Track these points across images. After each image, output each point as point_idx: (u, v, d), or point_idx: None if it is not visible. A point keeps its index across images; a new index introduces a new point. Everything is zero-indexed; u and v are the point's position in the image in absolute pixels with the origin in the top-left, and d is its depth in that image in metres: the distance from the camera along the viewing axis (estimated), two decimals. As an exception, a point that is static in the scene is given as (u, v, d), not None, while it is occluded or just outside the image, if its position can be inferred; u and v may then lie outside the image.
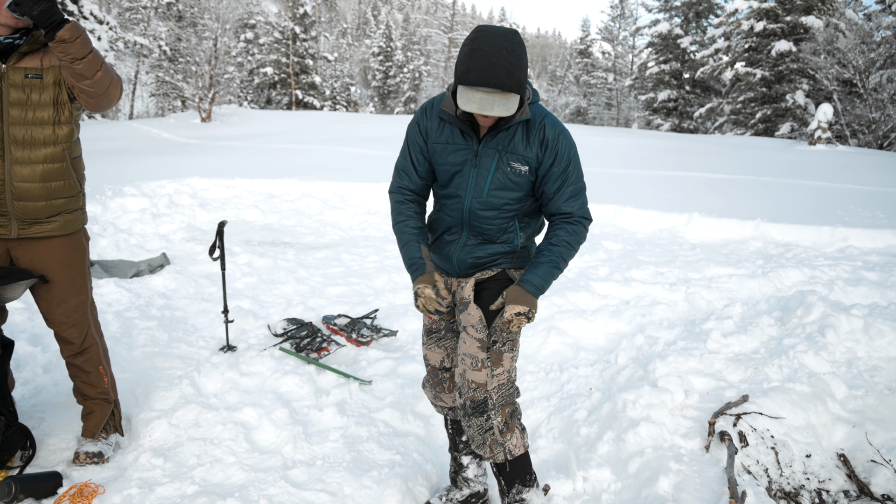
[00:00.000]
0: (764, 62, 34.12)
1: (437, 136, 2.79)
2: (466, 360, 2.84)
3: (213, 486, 3.38)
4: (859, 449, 3.50)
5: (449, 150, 2.76)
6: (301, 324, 5.47)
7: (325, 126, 25.52)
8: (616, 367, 4.62)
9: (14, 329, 4.92)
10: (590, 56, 60.34)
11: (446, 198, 2.86)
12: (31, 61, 3.09)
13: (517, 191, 2.76)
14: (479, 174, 2.73)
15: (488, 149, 2.70)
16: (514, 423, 2.90)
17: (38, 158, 3.15)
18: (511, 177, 2.72)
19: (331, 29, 63.02)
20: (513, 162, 2.70)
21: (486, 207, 2.78)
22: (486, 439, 2.84)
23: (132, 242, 7.99)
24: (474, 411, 2.83)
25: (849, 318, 4.60)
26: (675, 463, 3.34)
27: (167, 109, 41.39)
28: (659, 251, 8.35)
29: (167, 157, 15.11)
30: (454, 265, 2.94)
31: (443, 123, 2.77)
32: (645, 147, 19.97)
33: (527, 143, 2.69)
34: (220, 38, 30.33)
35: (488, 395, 2.82)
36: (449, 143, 2.76)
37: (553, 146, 2.69)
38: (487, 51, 2.38)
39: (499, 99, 2.41)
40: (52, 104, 3.14)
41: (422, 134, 2.84)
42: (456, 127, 2.74)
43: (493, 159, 2.70)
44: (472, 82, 2.39)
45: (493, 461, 2.89)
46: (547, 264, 2.76)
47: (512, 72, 2.39)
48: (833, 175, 14.40)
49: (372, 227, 9.76)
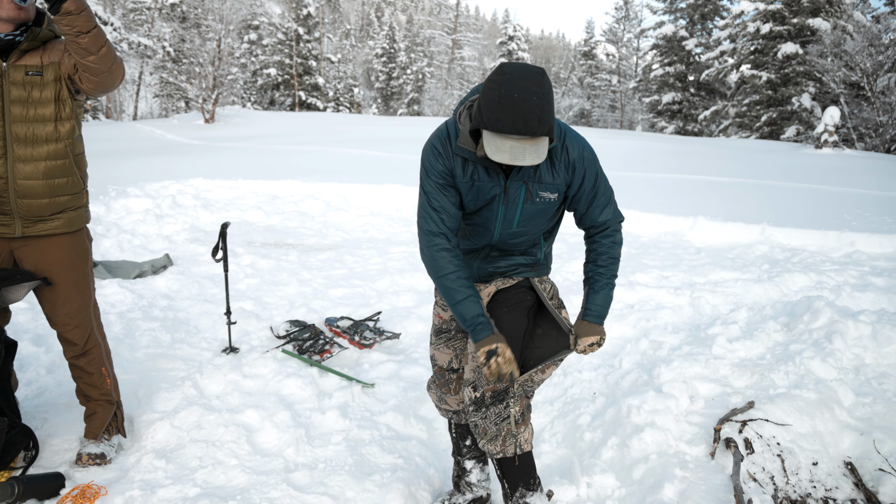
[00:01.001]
0: (770, 65, 34.01)
1: (462, 177, 2.65)
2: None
3: (215, 488, 3.37)
4: (867, 457, 3.47)
5: (476, 189, 2.67)
6: (304, 326, 5.45)
7: (329, 127, 25.54)
8: (620, 372, 4.60)
9: (18, 329, 4.91)
10: (594, 58, 60.35)
11: (474, 226, 2.81)
12: (31, 59, 3.09)
13: (545, 217, 2.76)
14: (508, 209, 2.69)
15: (516, 182, 2.64)
16: (528, 415, 2.88)
17: (40, 155, 3.15)
18: (540, 206, 2.70)
19: (334, 30, 63.10)
20: (541, 192, 2.66)
21: (515, 237, 2.78)
22: (501, 430, 2.80)
23: (135, 243, 7.98)
24: (494, 401, 2.79)
25: (856, 324, 4.56)
26: (679, 470, 3.31)
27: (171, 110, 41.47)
28: (664, 255, 8.32)
29: (171, 157, 15.13)
30: (473, 272, 2.91)
31: (466, 162, 2.64)
32: (649, 150, 19.93)
33: (553, 172, 2.65)
34: (224, 39, 30.38)
35: (510, 384, 2.77)
36: (476, 181, 2.65)
37: (580, 166, 2.67)
38: (518, 98, 2.28)
39: (529, 146, 2.32)
40: (53, 101, 3.14)
41: (449, 171, 2.66)
42: (479, 164, 2.63)
43: (522, 191, 2.65)
44: (502, 130, 2.29)
45: (503, 455, 2.84)
46: (603, 290, 2.82)
47: (543, 118, 2.30)
48: (840, 179, 14.34)
49: (375, 229, 9.75)
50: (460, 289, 2.66)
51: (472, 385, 2.83)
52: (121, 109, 46.67)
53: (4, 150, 3.08)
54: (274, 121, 28.82)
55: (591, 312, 2.81)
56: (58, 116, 3.17)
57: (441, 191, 2.66)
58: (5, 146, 3.08)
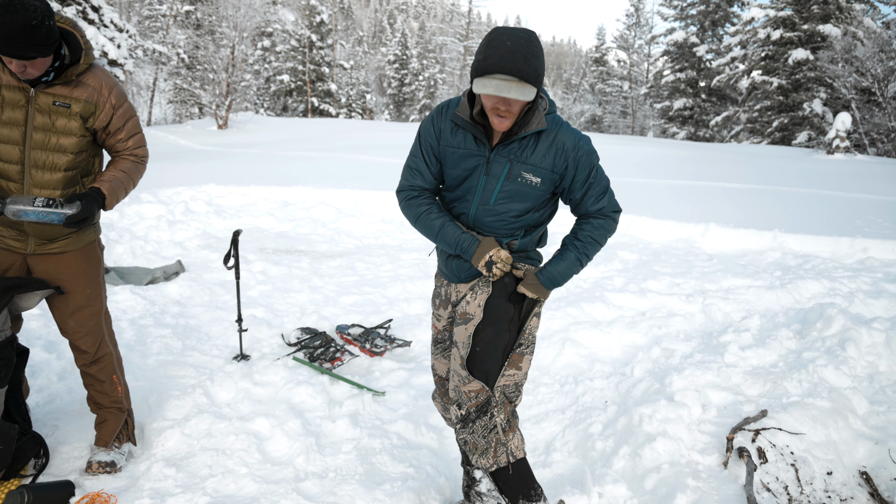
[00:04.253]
0: (781, 70, 33.91)
1: (449, 140, 2.76)
2: (455, 377, 2.81)
3: (225, 497, 3.36)
4: (882, 467, 3.43)
5: (460, 155, 2.74)
6: (315, 333, 5.45)
7: (341, 133, 25.61)
8: (632, 380, 4.57)
9: (30, 336, 4.93)
10: (605, 64, 60.28)
11: (453, 201, 2.83)
12: (60, 90, 3.06)
13: (525, 202, 2.73)
14: (488, 182, 2.71)
15: (500, 157, 2.68)
16: (515, 422, 2.87)
17: (57, 183, 3.14)
18: (521, 188, 2.69)
19: (347, 37, 63.32)
20: (524, 172, 2.67)
21: (490, 215, 2.75)
22: (490, 442, 2.79)
23: (148, 249, 8.01)
24: (478, 414, 2.79)
25: (870, 331, 4.53)
26: (692, 479, 3.29)
27: (185, 116, 41.67)
28: (675, 262, 8.29)
29: (184, 163, 15.20)
30: (453, 271, 2.90)
31: (456, 128, 2.74)
32: (660, 156, 19.88)
33: (543, 155, 2.66)
34: (238, 46, 30.57)
35: (491, 393, 2.77)
36: (461, 147, 2.73)
37: (574, 156, 2.68)
38: (504, 40, 2.39)
39: (515, 85, 2.38)
40: (75, 134, 3.13)
41: (435, 134, 2.79)
42: (469, 132, 2.71)
43: (504, 168, 2.68)
44: (489, 69, 2.38)
45: (497, 465, 2.82)
46: (569, 260, 2.79)
47: (529, 60, 2.38)
48: (852, 185, 14.26)
49: (386, 236, 9.75)
50: (436, 220, 2.80)
51: (457, 403, 2.83)
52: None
53: (22, 175, 3.08)
54: (286, 127, 28.96)
55: (547, 274, 2.80)
56: (77, 150, 3.17)
57: (423, 155, 2.83)
58: (23, 171, 3.09)
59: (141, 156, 3.37)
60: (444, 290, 3.01)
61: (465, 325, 2.82)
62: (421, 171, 2.85)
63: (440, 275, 3.05)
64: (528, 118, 2.60)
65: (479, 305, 2.82)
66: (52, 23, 2.81)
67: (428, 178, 2.85)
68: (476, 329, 2.82)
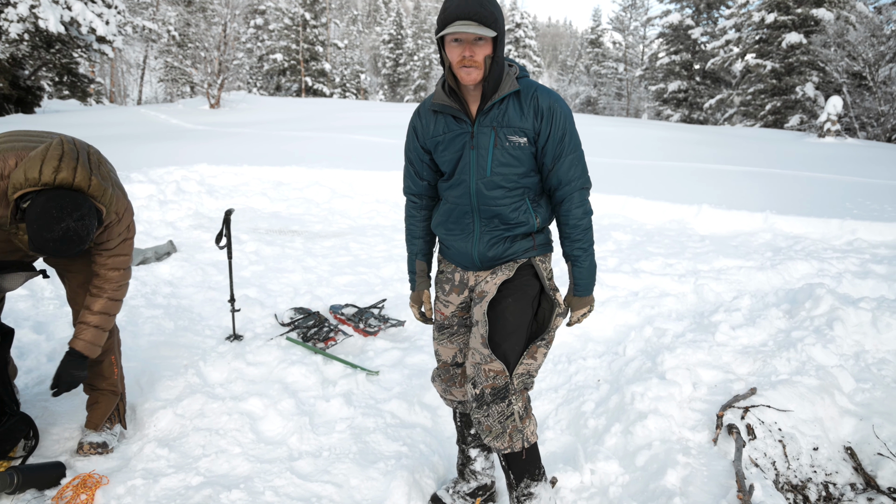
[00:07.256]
0: (774, 54, 33.86)
1: (433, 131, 2.82)
2: (477, 354, 2.81)
3: (218, 476, 3.38)
4: (866, 442, 3.48)
5: (447, 140, 2.77)
6: (308, 313, 5.46)
7: (335, 113, 25.47)
8: (624, 359, 4.60)
9: (18, 317, 4.92)
10: (600, 46, 60.11)
11: (453, 186, 2.83)
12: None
13: (519, 165, 2.73)
14: (479, 154, 2.72)
15: (483, 127, 2.69)
16: (531, 408, 2.88)
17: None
18: (511, 151, 2.70)
19: (341, 16, 62.84)
20: (510, 136, 2.68)
21: (491, 187, 2.74)
22: (506, 427, 2.79)
23: (139, 229, 7.97)
24: (494, 398, 2.78)
25: (857, 311, 4.57)
26: (682, 456, 3.32)
27: (176, 95, 41.44)
28: (668, 242, 8.31)
29: (175, 143, 15.08)
30: (475, 260, 2.89)
31: (436, 116, 2.81)
32: (654, 138, 19.86)
33: (521, 114, 2.68)
34: (230, 23, 30.28)
35: (510, 380, 2.78)
36: (445, 132, 2.77)
37: (549, 116, 2.68)
38: None
39: (475, 27, 2.47)
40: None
41: (418, 137, 2.91)
42: (448, 115, 2.76)
43: (490, 137, 2.69)
44: (448, 18, 2.49)
45: (511, 450, 2.83)
46: (585, 263, 2.89)
47: (484, 4, 2.48)
48: (842, 168, 14.29)
49: (380, 216, 9.74)
50: (411, 243, 3.19)
51: (472, 381, 2.84)
52: (125, 94, 46.62)
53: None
54: (280, 106, 28.76)
55: (580, 287, 2.92)
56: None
57: (411, 161, 3.01)
58: None
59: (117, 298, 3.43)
60: (457, 276, 3.00)
61: (481, 303, 2.83)
62: (410, 176, 3.05)
63: (447, 261, 3.06)
64: (499, 79, 2.64)
65: (496, 284, 2.83)
66: (94, 232, 3.01)
67: (417, 182, 3.03)
68: (492, 301, 2.83)
